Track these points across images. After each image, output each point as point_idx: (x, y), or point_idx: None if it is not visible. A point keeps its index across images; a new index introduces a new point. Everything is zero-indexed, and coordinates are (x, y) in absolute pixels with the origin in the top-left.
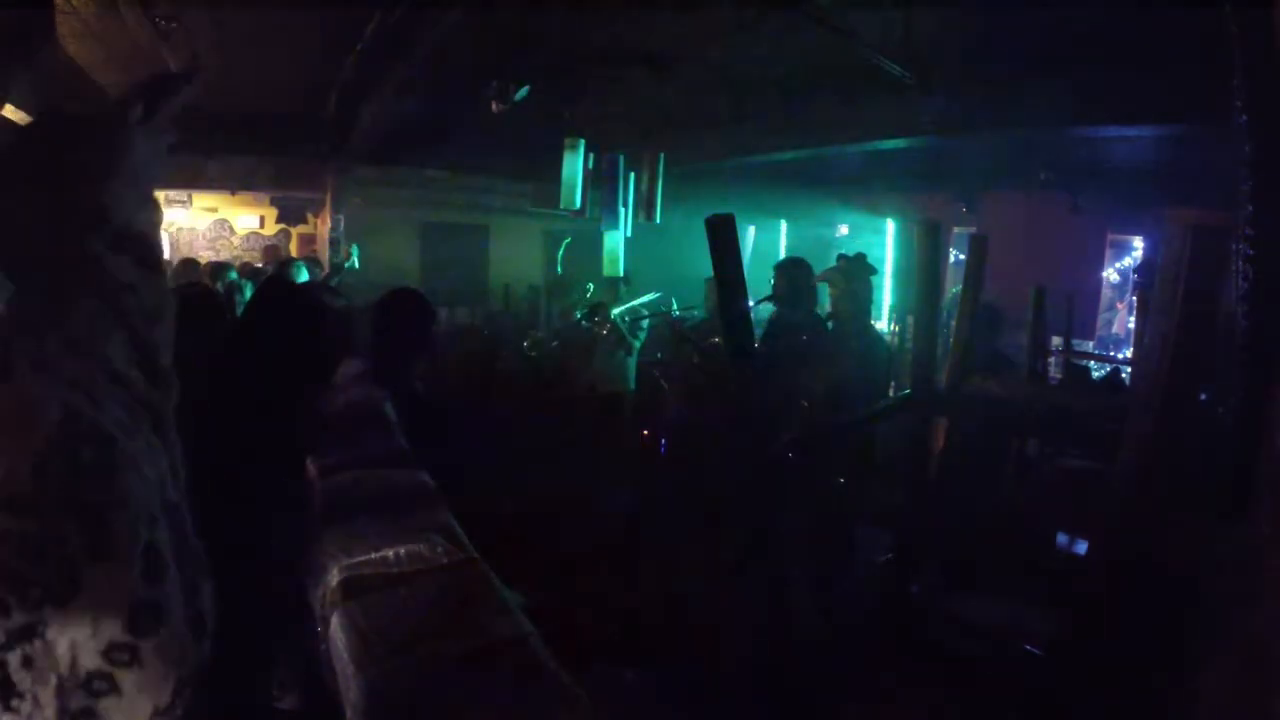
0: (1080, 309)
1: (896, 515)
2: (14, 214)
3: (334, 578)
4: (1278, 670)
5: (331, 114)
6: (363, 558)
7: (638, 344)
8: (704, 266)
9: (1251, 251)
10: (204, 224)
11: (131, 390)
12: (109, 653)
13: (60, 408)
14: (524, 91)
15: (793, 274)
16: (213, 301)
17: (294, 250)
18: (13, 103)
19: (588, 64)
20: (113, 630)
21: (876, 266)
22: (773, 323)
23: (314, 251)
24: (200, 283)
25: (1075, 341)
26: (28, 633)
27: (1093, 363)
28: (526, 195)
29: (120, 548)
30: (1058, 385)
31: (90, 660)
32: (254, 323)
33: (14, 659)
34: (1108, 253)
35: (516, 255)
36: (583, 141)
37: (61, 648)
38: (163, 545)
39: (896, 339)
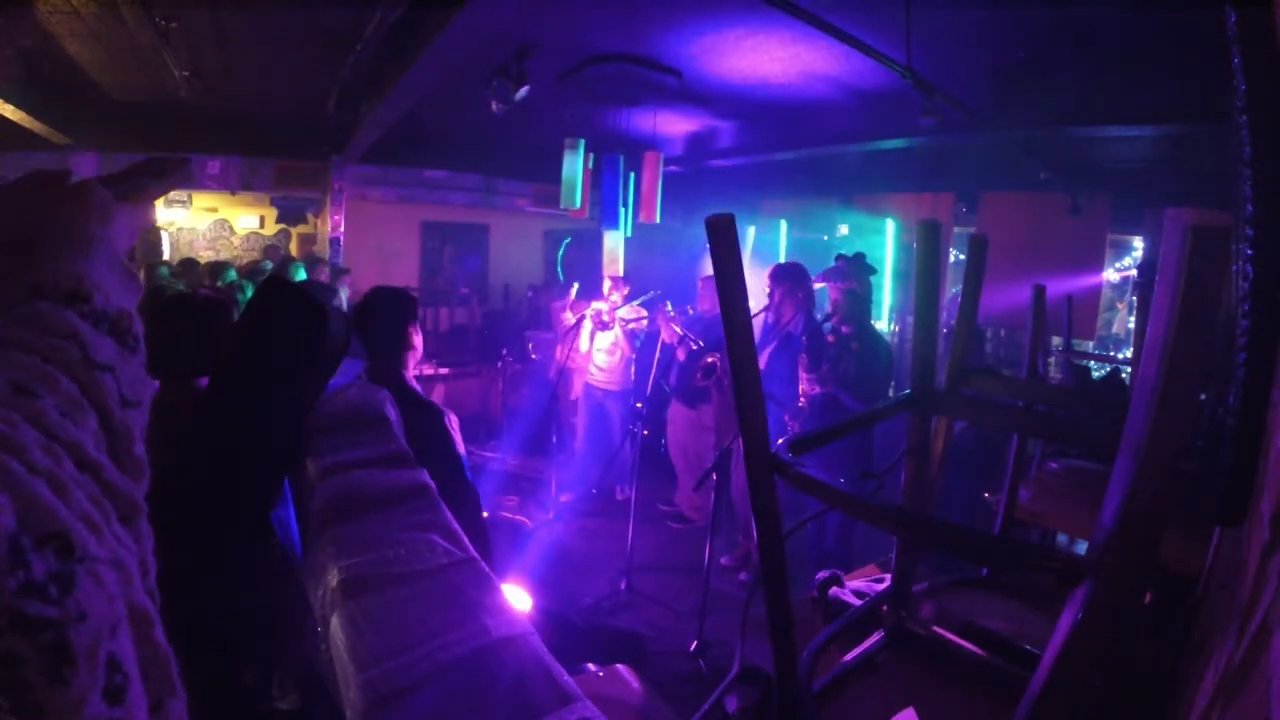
0: (1080, 309)
1: (896, 515)
2: None
3: (334, 578)
4: (1276, 674)
5: (331, 114)
6: (363, 558)
7: (639, 343)
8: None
9: (1251, 251)
10: (204, 224)
11: (99, 478)
12: None
13: (13, 517)
14: (524, 91)
15: (786, 280)
16: (215, 304)
17: (294, 250)
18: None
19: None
20: None
21: (876, 267)
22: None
23: (313, 252)
24: (203, 287)
25: (1075, 341)
26: None
27: (1093, 363)
28: (526, 195)
29: (80, 668)
30: (1058, 385)
31: None
32: (254, 323)
33: None
34: (1108, 253)
35: (516, 255)
36: (582, 141)
37: None
38: (123, 656)
39: (896, 339)
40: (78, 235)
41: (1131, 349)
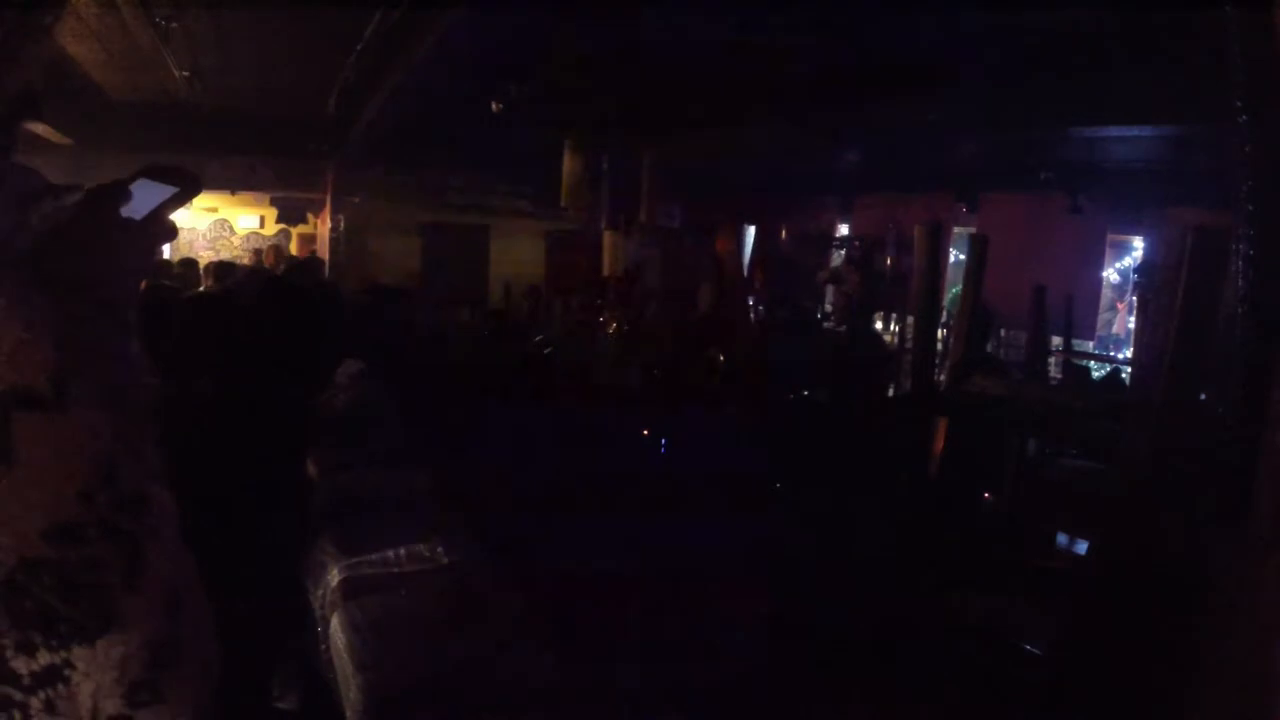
0: (1080, 309)
1: (896, 515)
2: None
3: (334, 578)
4: (1276, 674)
5: (331, 114)
6: (363, 558)
7: None
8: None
9: (1251, 251)
10: (204, 224)
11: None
12: (131, 694)
13: (113, 434)
14: (524, 92)
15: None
16: (217, 304)
17: (294, 250)
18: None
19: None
20: (137, 668)
21: None
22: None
23: (314, 251)
24: (207, 286)
25: (1075, 341)
26: (52, 676)
27: (1093, 363)
28: (526, 195)
29: (152, 580)
30: (1058, 385)
31: (112, 705)
32: (256, 321)
33: (36, 702)
34: (1108, 253)
35: (516, 255)
36: (583, 142)
37: (85, 693)
38: (179, 582)
39: (896, 339)
40: (90, 226)
41: (1131, 349)
